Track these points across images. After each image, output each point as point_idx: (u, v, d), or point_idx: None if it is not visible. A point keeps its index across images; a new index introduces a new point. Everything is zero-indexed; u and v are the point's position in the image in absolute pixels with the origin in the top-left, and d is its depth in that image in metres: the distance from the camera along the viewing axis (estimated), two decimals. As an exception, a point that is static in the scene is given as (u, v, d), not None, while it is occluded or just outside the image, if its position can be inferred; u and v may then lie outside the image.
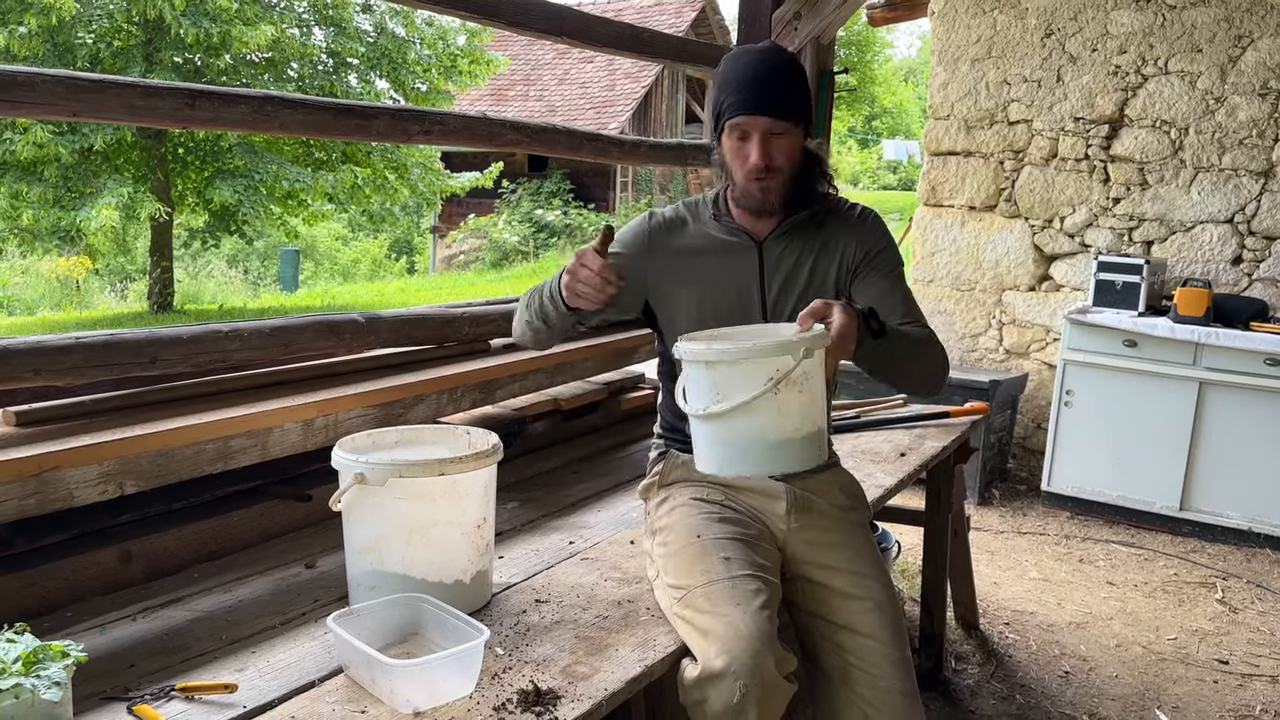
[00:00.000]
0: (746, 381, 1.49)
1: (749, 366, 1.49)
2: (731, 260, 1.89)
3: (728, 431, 1.53)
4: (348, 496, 1.61)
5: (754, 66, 1.79)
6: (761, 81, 1.77)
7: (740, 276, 1.89)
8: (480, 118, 2.52)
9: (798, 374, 1.50)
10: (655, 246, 1.92)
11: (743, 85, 1.77)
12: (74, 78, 1.63)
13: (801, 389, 1.51)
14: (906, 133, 33.94)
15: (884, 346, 1.67)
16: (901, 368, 1.79)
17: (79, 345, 1.75)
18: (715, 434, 1.55)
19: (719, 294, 1.88)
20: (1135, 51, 4.57)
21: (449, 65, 13.69)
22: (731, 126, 1.79)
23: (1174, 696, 2.91)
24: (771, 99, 1.77)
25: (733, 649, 1.50)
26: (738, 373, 1.50)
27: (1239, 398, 4.04)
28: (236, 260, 20.58)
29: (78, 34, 11.10)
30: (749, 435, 1.52)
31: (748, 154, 1.79)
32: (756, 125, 1.77)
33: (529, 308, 1.87)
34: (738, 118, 1.78)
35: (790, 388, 1.50)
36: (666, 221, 1.95)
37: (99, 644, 1.59)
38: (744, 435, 1.52)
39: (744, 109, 1.77)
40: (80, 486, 1.67)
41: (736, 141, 1.81)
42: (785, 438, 1.52)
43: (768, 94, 1.76)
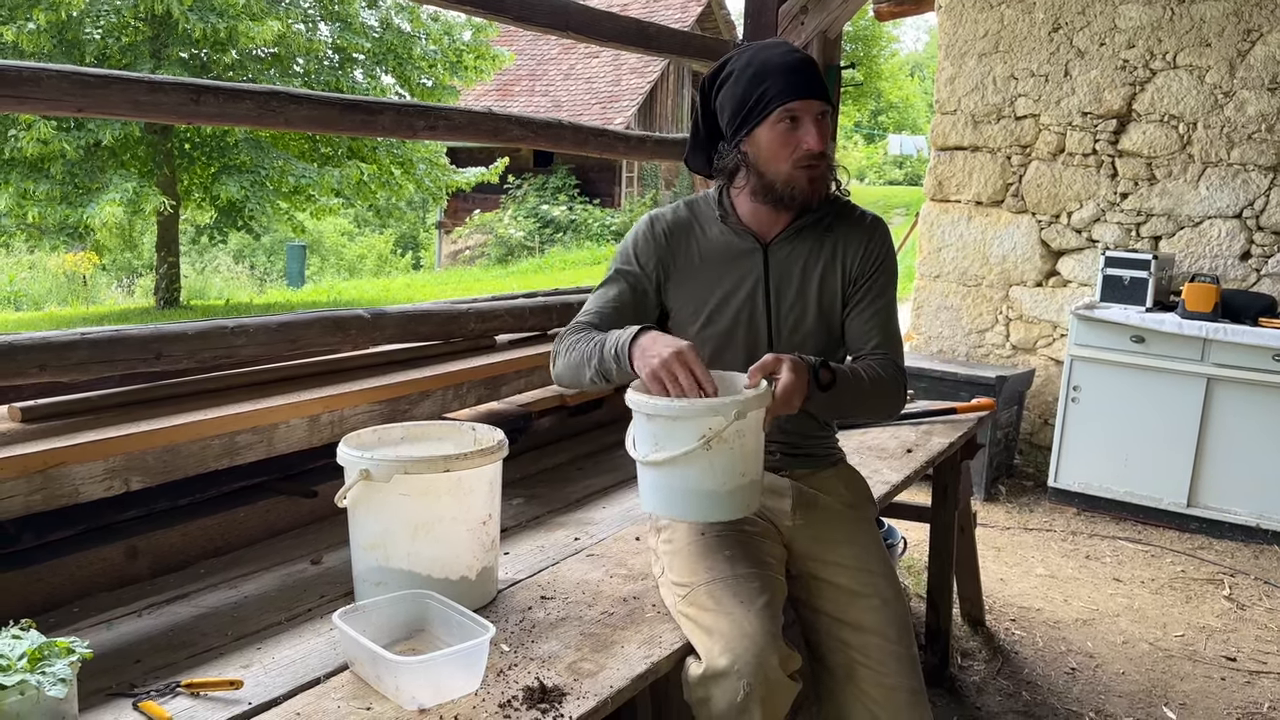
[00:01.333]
0: (681, 437, 1.56)
1: (683, 424, 1.56)
2: (737, 263, 1.86)
3: (664, 478, 1.62)
4: (353, 493, 1.61)
5: (783, 55, 1.76)
6: (803, 68, 1.75)
7: (746, 280, 1.85)
8: (486, 113, 2.52)
9: (729, 433, 1.56)
10: (662, 251, 1.87)
11: (790, 70, 1.73)
12: (79, 73, 1.63)
13: (733, 446, 1.57)
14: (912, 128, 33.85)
15: (832, 396, 1.70)
16: (848, 411, 1.83)
17: (84, 341, 1.75)
18: (654, 479, 1.63)
19: (724, 297, 1.85)
20: (1143, 46, 4.55)
21: (454, 61, 13.68)
22: (783, 111, 1.72)
23: (1181, 693, 2.90)
24: (819, 82, 1.76)
25: (736, 647, 1.50)
26: (674, 427, 1.57)
27: (1247, 394, 4.02)
28: (243, 256, 20.62)
29: (85, 29, 11.11)
30: (683, 485, 1.60)
31: (800, 139, 1.73)
32: (810, 109, 1.73)
33: (588, 364, 1.75)
34: (791, 102, 1.72)
35: (721, 446, 1.56)
36: (669, 225, 1.89)
37: (105, 640, 1.59)
38: (678, 484, 1.60)
39: (796, 93, 1.72)
40: (86, 482, 1.67)
41: (785, 130, 1.73)
42: (714, 490, 1.59)
43: (815, 78, 1.75)
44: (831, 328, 1.88)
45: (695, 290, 1.87)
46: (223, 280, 17.37)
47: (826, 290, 1.86)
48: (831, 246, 1.87)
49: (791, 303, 1.85)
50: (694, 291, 1.87)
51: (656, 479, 1.62)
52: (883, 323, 1.87)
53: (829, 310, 1.87)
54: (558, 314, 2.86)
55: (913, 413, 3.05)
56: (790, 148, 1.74)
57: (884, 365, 1.83)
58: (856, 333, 1.87)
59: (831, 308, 1.87)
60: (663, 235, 1.88)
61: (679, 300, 1.88)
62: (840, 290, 1.87)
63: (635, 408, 1.62)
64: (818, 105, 1.74)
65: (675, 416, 1.56)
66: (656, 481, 1.63)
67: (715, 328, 1.86)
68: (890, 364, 1.84)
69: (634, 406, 1.62)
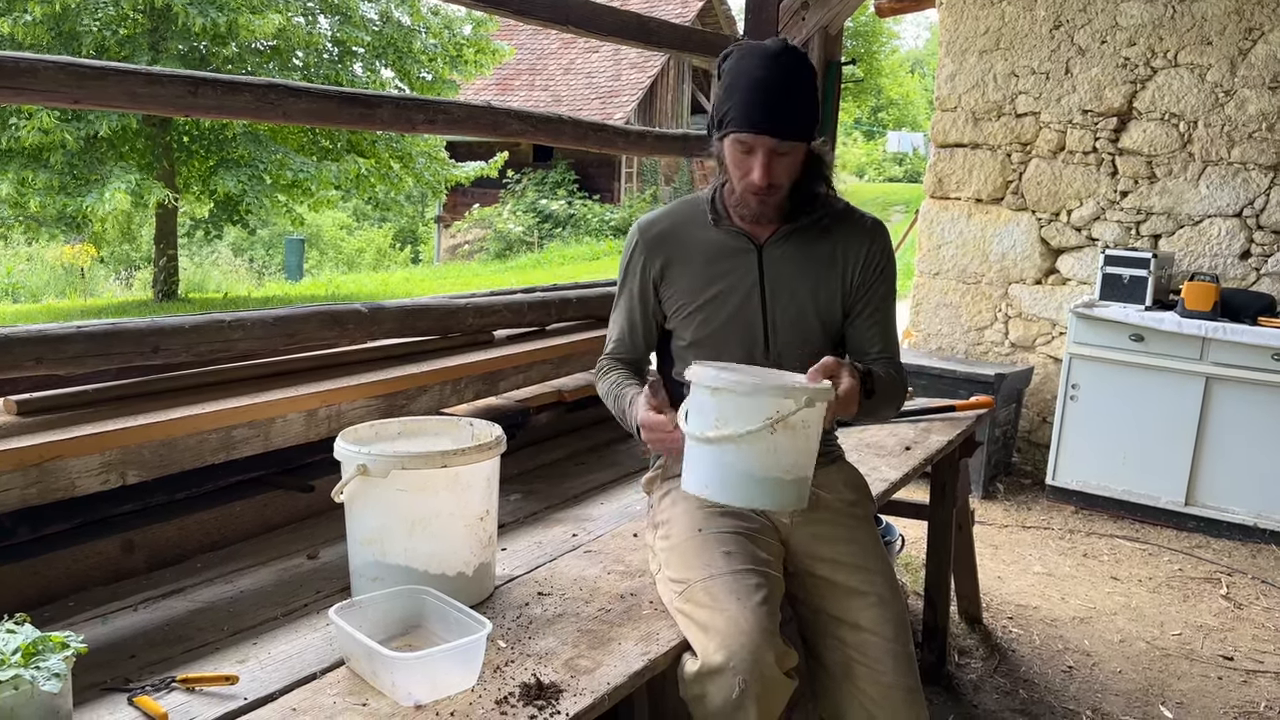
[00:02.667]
0: (747, 415, 1.54)
1: (753, 401, 1.54)
2: (731, 264, 1.86)
3: (722, 457, 1.57)
4: (350, 488, 1.60)
5: (764, 75, 1.68)
6: (770, 95, 1.68)
7: (741, 280, 1.85)
8: (485, 107, 2.51)
9: (796, 419, 1.54)
10: (656, 257, 1.90)
11: (751, 97, 1.68)
12: (76, 64, 1.62)
13: (796, 434, 1.56)
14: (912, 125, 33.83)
15: (870, 404, 1.75)
16: (876, 417, 1.90)
17: (81, 334, 1.74)
18: (711, 457, 1.59)
19: (719, 298, 1.86)
20: (1144, 44, 4.54)
21: (454, 54, 13.65)
22: (735, 139, 1.72)
23: (1178, 692, 2.90)
24: (779, 117, 1.68)
25: (732, 644, 1.50)
26: (741, 405, 1.54)
27: (1246, 393, 4.02)
28: (241, 249, 20.59)
29: (83, 21, 11.08)
30: (739, 467, 1.56)
31: (749, 169, 1.73)
32: (761, 144, 1.70)
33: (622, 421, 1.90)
34: (742, 134, 1.70)
35: (786, 430, 1.54)
36: (660, 231, 1.91)
37: (100, 634, 1.58)
38: (734, 465, 1.56)
39: (750, 126, 1.68)
40: (82, 476, 1.67)
41: (740, 154, 1.74)
42: (772, 477, 1.56)
43: (776, 111, 1.68)
44: (827, 328, 1.89)
45: (689, 293, 1.88)
46: (221, 273, 17.34)
47: (824, 292, 1.87)
48: (830, 249, 1.87)
49: (786, 303, 1.86)
50: (688, 294, 1.88)
51: (714, 457, 1.57)
52: (885, 329, 1.92)
53: (825, 311, 1.88)
54: (555, 309, 2.85)
55: (911, 410, 3.05)
56: (741, 171, 1.76)
57: (890, 370, 1.88)
58: (861, 339, 1.91)
59: (829, 309, 1.88)
60: (655, 241, 1.91)
61: (674, 303, 1.91)
62: (840, 294, 1.88)
63: (699, 381, 1.58)
64: (770, 142, 1.69)
65: (746, 393, 1.54)
66: (712, 459, 1.57)
67: (710, 329, 1.87)
68: (895, 368, 1.91)
69: (698, 380, 1.58)
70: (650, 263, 1.90)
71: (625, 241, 1.96)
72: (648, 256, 1.90)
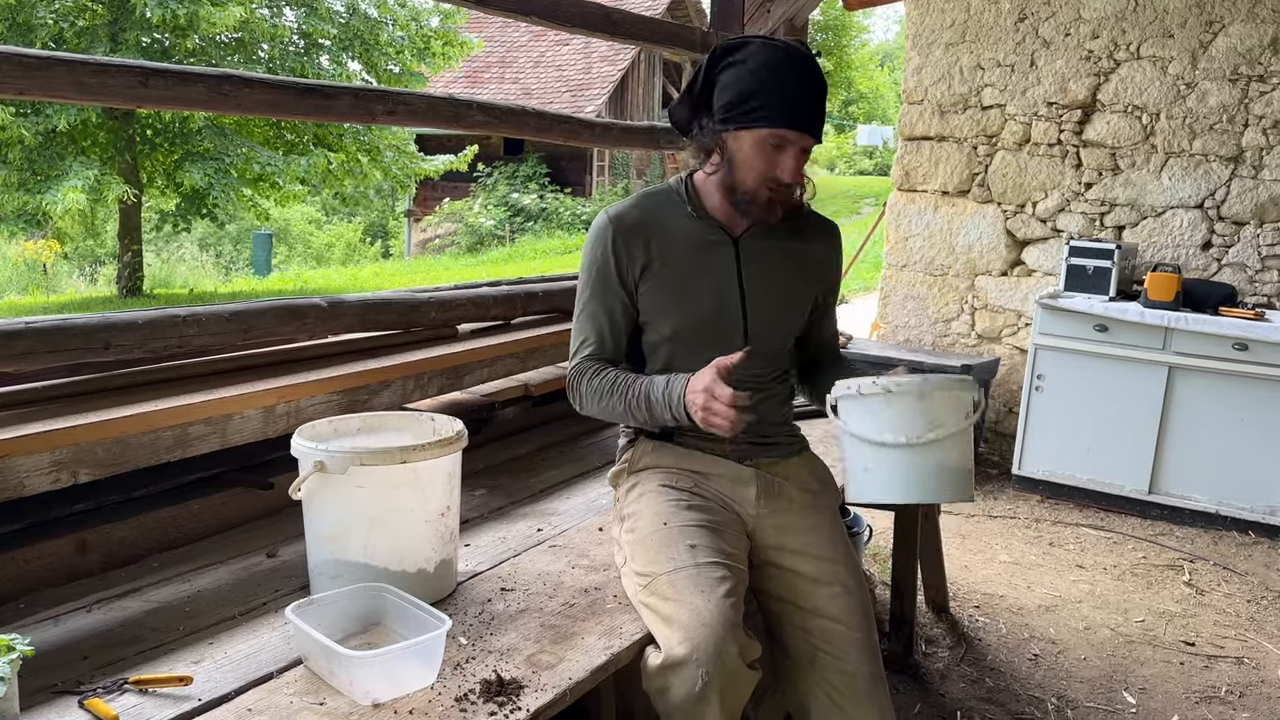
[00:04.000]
0: (957, 412, 1.65)
1: (959, 395, 1.65)
2: (707, 255, 1.84)
3: (930, 458, 1.64)
4: (308, 485, 1.58)
5: (801, 77, 1.70)
6: (809, 95, 1.71)
7: (718, 272, 1.84)
8: (446, 98, 2.48)
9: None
10: (630, 249, 1.81)
11: (793, 95, 1.69)
12: (20, 54, 1.58)
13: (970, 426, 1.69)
14: (882, 118, 33.99)
15: None
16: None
17: (30, 330, 1.70)
18: (912, 461, 1.65)
19: (697, 290, 1.83)
20: (1108, 36, 4.58)
21: (422, 47, 13.55)
22: (773, 134, 1.70)
23: (1141, 678, 2.93)
24: (816, 118, 1.73)
25: (695, 637, 1.49)
26: (952, 403, 1.65)
27: (1208, 382, 4.07)
28: (208, 244, 20.34)
29: (38, 13, 10.86)
30: (952, 462, 1.65)
31: (777, 165, 1.72)
32: (802, 142, 1.73)
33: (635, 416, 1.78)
34: (783, 130, 1.70)
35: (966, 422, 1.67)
36: (634, 221, 1.83)
37: (52, 636, 1.55)
38: (947, 461, 1.65)
39: (792, 123, 1.70)
40: (31, 475, 1.63)
41: (768, 149, 1.71)
42: (967, 467, 1.67)
43: (815, 112, 1.72)
44: (796, 323, 1.95)
45: (666, 285, 1.83)
46: (187, 269, 17.11)
47: (797, 288, 1.92)
48: (801, 247, 1.92)
49: (764, 296, 1.86)
50: (665, 286, 1.83)
51: (919, 460, 1.64)
52: (835, 325, 2.09)
53: (797, 307, 1.93)
54: (521, 303, 2.83)
55: (878, 401, 3.06)
56: (765, 168, 1.73)
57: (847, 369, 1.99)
58: (825, 333, 2.05)
59: (800, 305, 1.94)
60: (629, 231, 1.82)
61: (650, 297, 1.84)
62: (813, 293, 1.96)
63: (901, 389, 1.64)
64: (808, 141, 1.73)
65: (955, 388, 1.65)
66: (917, 463, 1.64)
67: (689, 321, 1.83)
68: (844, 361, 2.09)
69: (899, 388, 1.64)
70: (627, 254, 1.81)
71: (591, 234, 1.86)
72: (624, 248, 1.81)
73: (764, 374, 1.88)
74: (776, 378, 1.92)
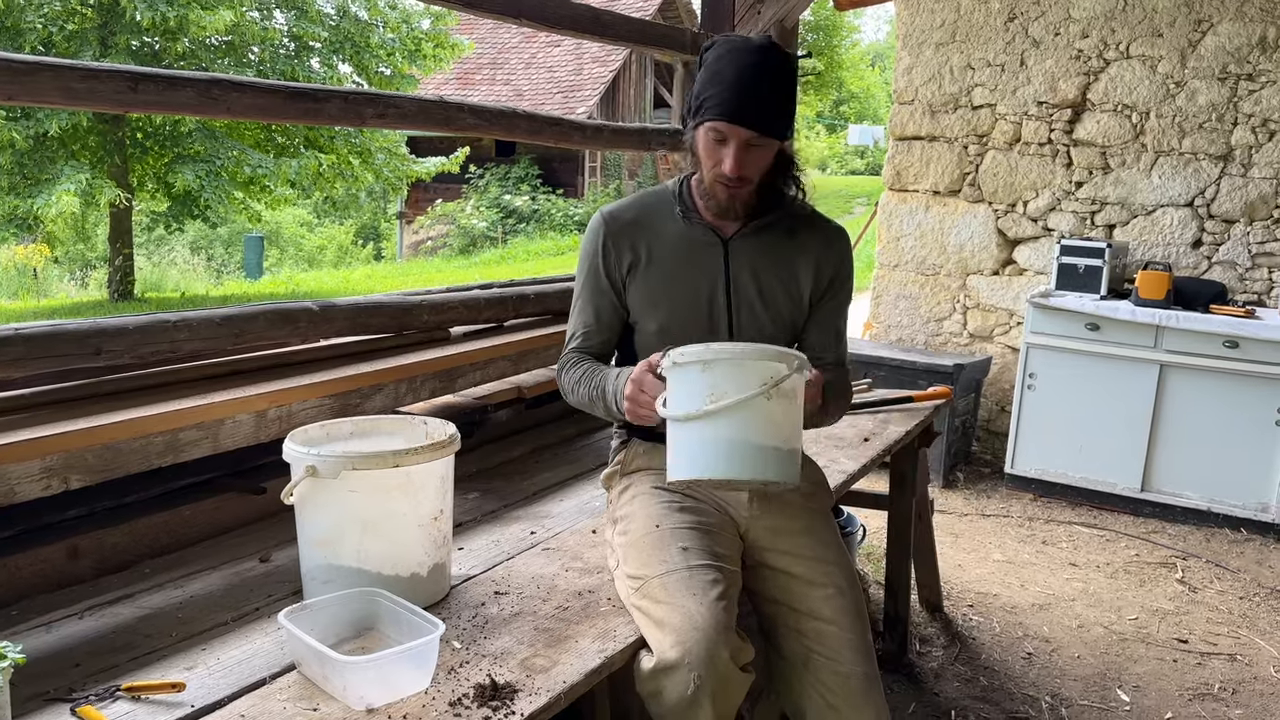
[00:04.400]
0: (744, 381, 1.52)
1: (749, 366, 1.52)
2: (697, 257, 1.84)
3: (717, 432, 1.53)
4: (300, 490, 1.58)
5: (748, 69, 1.68)
6: (753, 88, 1.67)
7: (706, 275, 1.84)
8: (437, 101, 2.48)
9: (788, 386, 1.53)
10: (620, 248, 1.85)
11: (733, 87, 1.67)
12: (8, 59, 1.57)
13: (790, 402, 1.55)
14: (873, 118, 34.04)
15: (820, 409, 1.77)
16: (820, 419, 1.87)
17: (19, 337, 1.69)
18: (701, 435, 1.54)
19: (684, 292, 1.84)
20: (1097, 36, 4.59)
21: (413, 49, 13.53)
22: (710, 126, 1.71)
23: (1135, 676, 2.94)
24: (759, 111, 1.68)
25: (687, 640, 1.49)
26: (737, 371, 1.52)
27: (1199, 380, 4.09)
28: (200, 247, 20.29)
29: (26, 17, 10.82)
30: (742, 436, 1.53)
31: (721, 159, 1.72)
32: (737, 135, 1.69)
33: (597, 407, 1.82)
34: (718, 122, 1.69)
35: (780, 397, 1.53)
36: (626, 221, 1.87)
37: (44, 643, 1.54)
38: (737, 435, 1.53)
39: (727, 115, 1.68)
40: (22, 481, 1.62)
41: (712, 142, 1.72)
42: (775, 446, 1.54)
43: (758, 105, 1.68)
44: (787, 328, 1.90)
45: (654, 286, 1.85)
46: (179, 272, 17.06)
47: (789, 293, 1.88)
48: (796, 251, 1.88)
49: (752, 300, 1.85)
50: (653, 287, 1.85)
51: (710, 433, 1.53)
52: (838, 335, 1.96)
53: (790, 311, 1.89)
54: (513, 305, 2.83)
55: (870, 401, 3.06)
56: (713, 161, 1.75)
57: (840, 375, 1.92)
58: (817, 343, 1.93)
59: (793, 311, 1.89)
60: (620, 231, 1.87)
61: (638, 296, 1.87)
62: (805, 298, 1.89)
63: (688, 357, 1.55)
64: (746, 134, 1.69)
65: (740, 358, 1.53)
66: (708, 436, 1.53)
67: (675, 321, 1.85)
68: (844, 375, 1.96)
69: (686, 357, 1.55)
70: (616, 253, 1.86)
71: (587, 231, 1.90)
72: (613, 247, 1.86)
73: None
74: None
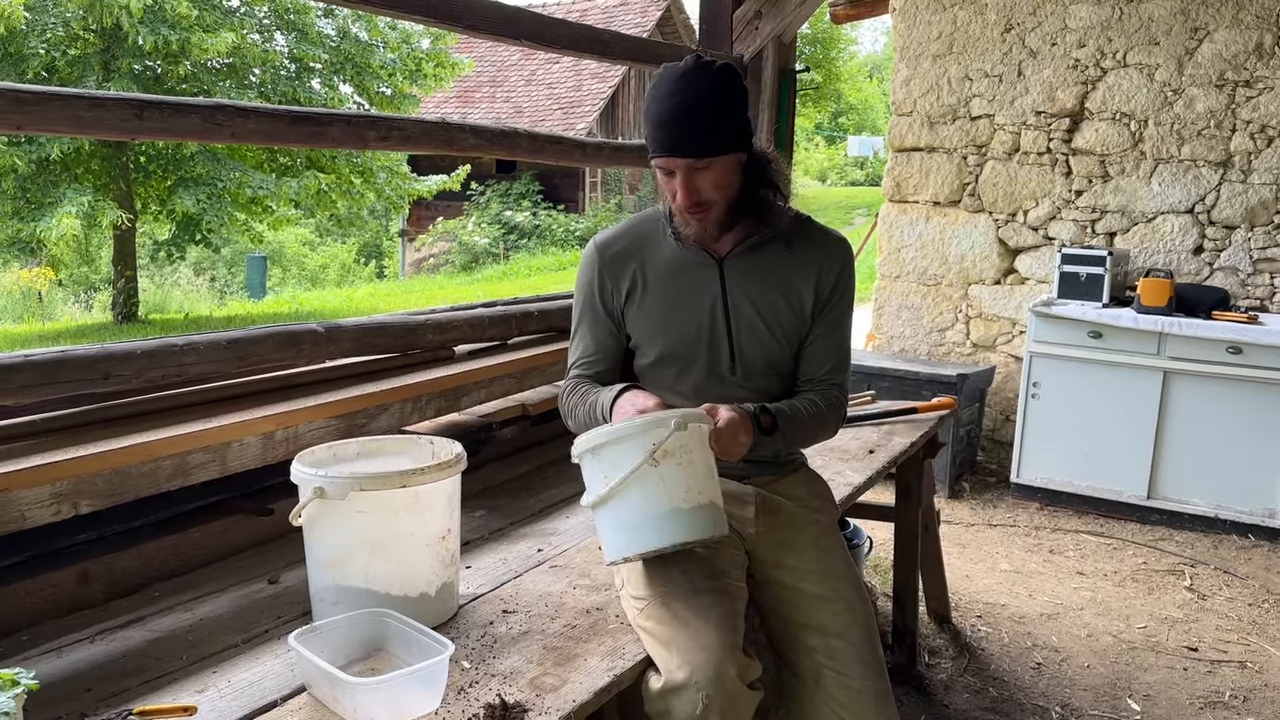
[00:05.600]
0: (628, 457, 1.55)
1: (628, 443, 1.56)
2: (692, 279, 1.83)
3: (623, 511, 1.58)
4: (308, 511, 1.59)
5: (673, 97, 1.68)
6: (680, 118, 1.67)
7: (703, 296, 1.83)
8: (439, 123, 2.50)
9: (674, 445, 1.55)
10: (615, 277, 1.86)
11: (661, 120, 1.69)
12: (15, 90, 1.59)
13: (680, 461, 1.56)
14: (873, 129, 34.12)
15: (776, 439, 1.76)
16: (792, 446, 1.88)
17: (28, 364, 1.71)
18: (613, 516, 1.59)
19: (683, 315, 1.83)
20: (1094, 45, 4.61)
21: (413, 69, 13.59)
22: (655, 165, 1.73)
23: (1145, 685, 2.93)
24: (690, 138, 1.68)
25: (694, 660, 1.49)
26: (620, 450, 1.56)
27: (1203, 386, 4.09)
28: (203, 268, 20.34)
29: (30, 43, 10.90)
30: (639, 511, 1.56)
31: (674, 190, 1.73)
32: (677, 165, 1.70)
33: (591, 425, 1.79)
34: (657, 158, 1.72)
35: (669, 459, 1.55)
36: (619, 250, 1.87)
37: (55, 668, 1.55)
38: (635, 512, 1.57)
39: (661, 149, 1.70)
40: (33, 507, 1.63)
41: (663, 176, 1.75)
42: (673, 508, 1.56)
43: (686, 133, 1.67)
44: (790, 343, 1.87)
45: (652, 311, 1.85)
46: (182, 293, 17.12)
47: (788, 307, 1.84)
48: (794, 263, 1.85)
49: (751, 319, 1.83)
50: (651, 312, 1.85)
51: (616, 516, 1.58)
52: (837, 348, 1.90)
53: (790, 326, 1.86)
54: (517, 323, 2.84)
55: (874, 413, 3.07)
56: (670, 192, 1.76)
57: (827, 395, 1.87)
58: (814, 358, 1.89)
59: (793, 326, 1.86)
60: (613, 261, 1.87)
61: (637, 322, 1.87)
62: (808, 310, 1.85)
63: (579, 448, 1.60)
64: (684, 163, 1.69)
65: (619, 438, 1.56)
66: (615, 519, 1.59)
67: (675, 346, 1.84)
68: (835, 390, 1.89)
69: (577, 448, 1.60)
70: (611, 283, 1.86)
71: (581, 262, 1.91)
72: (608, 277, 1.86)
73: (760, 393, 1.86)
74: (775, 399, 1.87)
